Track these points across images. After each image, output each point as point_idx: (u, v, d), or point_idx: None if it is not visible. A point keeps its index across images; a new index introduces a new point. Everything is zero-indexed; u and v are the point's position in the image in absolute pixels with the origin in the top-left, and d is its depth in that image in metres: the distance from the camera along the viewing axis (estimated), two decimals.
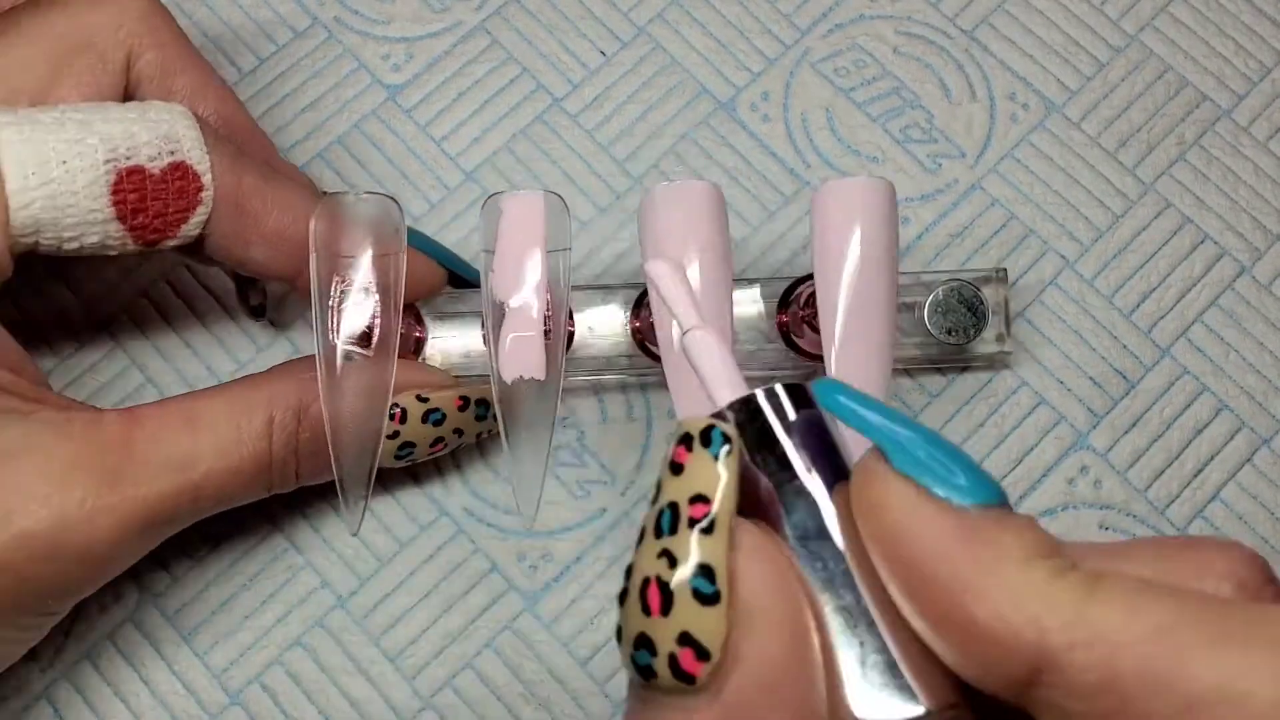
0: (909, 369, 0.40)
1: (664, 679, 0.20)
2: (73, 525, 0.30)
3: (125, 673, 0.38)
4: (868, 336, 0.32)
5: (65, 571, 0.31)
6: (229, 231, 0.33)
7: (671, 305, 0.25)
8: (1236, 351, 0.41)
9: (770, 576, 0.20)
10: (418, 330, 0.38)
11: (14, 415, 0.30)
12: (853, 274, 0.33)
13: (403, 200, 0.42)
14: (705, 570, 0.20)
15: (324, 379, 0.32)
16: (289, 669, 0.38)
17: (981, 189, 0.42)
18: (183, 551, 0.39)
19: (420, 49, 0.44)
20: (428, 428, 0.36)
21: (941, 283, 0.38)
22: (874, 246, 0.33)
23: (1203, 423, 0.40)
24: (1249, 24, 0.44)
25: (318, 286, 0.33)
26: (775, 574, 0.20)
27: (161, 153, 0.32)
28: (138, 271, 0.41)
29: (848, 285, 0.33)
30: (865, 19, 0.44)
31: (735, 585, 0.20)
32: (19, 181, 0.31)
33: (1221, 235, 0.42)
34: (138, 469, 0.31)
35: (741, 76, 0.44)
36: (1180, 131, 0.43)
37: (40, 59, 0.34)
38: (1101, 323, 0.41)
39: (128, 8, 0.35)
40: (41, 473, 0.30)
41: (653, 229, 0.33)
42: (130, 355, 0.41)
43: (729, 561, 0.20)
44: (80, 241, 0.32)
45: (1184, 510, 0.39)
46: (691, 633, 0.20)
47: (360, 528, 0.33)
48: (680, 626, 0.20)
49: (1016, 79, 0.44)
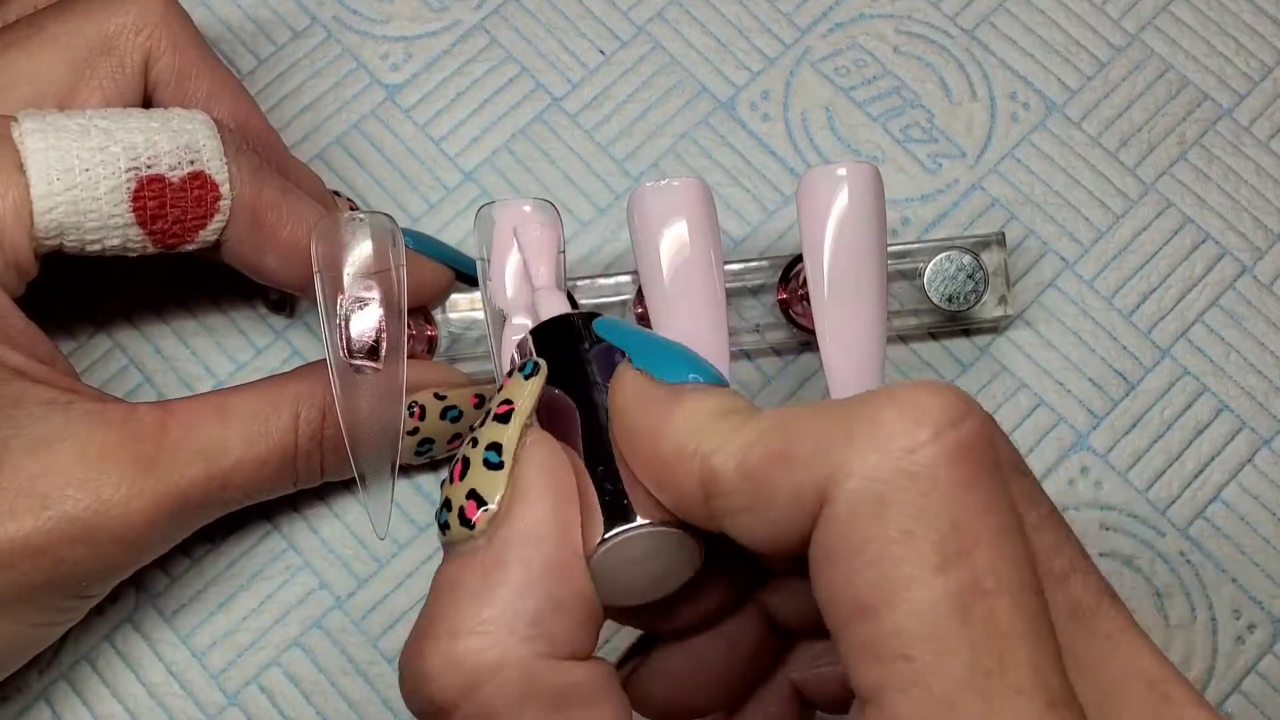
0: (909, 338, 0.41)
1: (454, 528, 0.24)
2: (109, 509, 0.31)
3: (123, 674, 0.38)
4: (858, 317, 0.33)
5: (102, 554, 0.32)
6: (245, 239, 0.35)
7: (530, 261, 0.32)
8: (1237, 352, 0.41)
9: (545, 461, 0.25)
10: (429, 329, 0.39)
11: (54, 406, 0.32)
12: (839, 257, 0.33)
13: (402, 200, 0.42)
14: (495, 446, 0.25)
15: (338, 393, 0.33)
16: (287, 670, 0.38)
17: (981, 189, 0.42)
18: (182, 552, 0.39)
19: (419, 48, 0.44)
20: (445, 424, 0.37)
21: (940, 250, 0.39)
22: (859, 228, 0.33)
23: (1203, 423, 0.40)
24: (1250, 23, 0.44)
25: (323, 305, 0.33)
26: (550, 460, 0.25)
27: (181, 162, 0.33)
28: (137, 273, 0.41)
29: (835, 268, 0.33)
30: (865, 18, 0.44)
31: (518, 461, 0.25)
32: (44, 187, 0.32)
33: (1222, 235, 0.42)
34: (171, 456, 0.32)
35: (741, 75, 0.44)
36: (1181, 131, 0.43)
37: (63, 63, 0.35)
38: (1101, 323, 0.41)
39: (147, 11, 0.36)
40: (79, 459, 0.31)
41: (642, 226, 0.33)
42: (130, 355, 0.41)
43: (517, 447, 0.25)
44: (102, 244, 0.33)
45: (1185, 510, 0.39)
46: (477, 489, 0.25)
47: (387, 529, 0.34)
48: (470, 485, 0.25)
49: (1017, 78, 0.44)
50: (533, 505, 0.24)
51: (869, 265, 0.33)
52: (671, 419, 0.24)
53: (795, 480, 0.21)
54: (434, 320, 0.39)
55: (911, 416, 0.21)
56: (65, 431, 0.31)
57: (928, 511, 0.20)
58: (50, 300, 0.40)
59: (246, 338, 0.41)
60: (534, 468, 0.25)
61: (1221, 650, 0.38)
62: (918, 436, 0.21)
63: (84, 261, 0.35)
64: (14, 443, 0.31)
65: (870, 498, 0.20)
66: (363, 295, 0.34)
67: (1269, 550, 0.39)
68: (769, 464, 0.22)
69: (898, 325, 0.40)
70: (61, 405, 0.32)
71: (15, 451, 0.31)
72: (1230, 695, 0.38)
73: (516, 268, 0.33)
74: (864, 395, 0.22)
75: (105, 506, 0.31)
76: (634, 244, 0.34)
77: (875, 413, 0.21)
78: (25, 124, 0.33)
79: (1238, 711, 0.38)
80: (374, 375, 0.34)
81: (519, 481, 0.25)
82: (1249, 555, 0.39)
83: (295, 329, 0.41)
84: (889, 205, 0.42)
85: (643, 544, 0.25)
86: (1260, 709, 0.38)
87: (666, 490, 0.24)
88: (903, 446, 0.21)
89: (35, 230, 0.32)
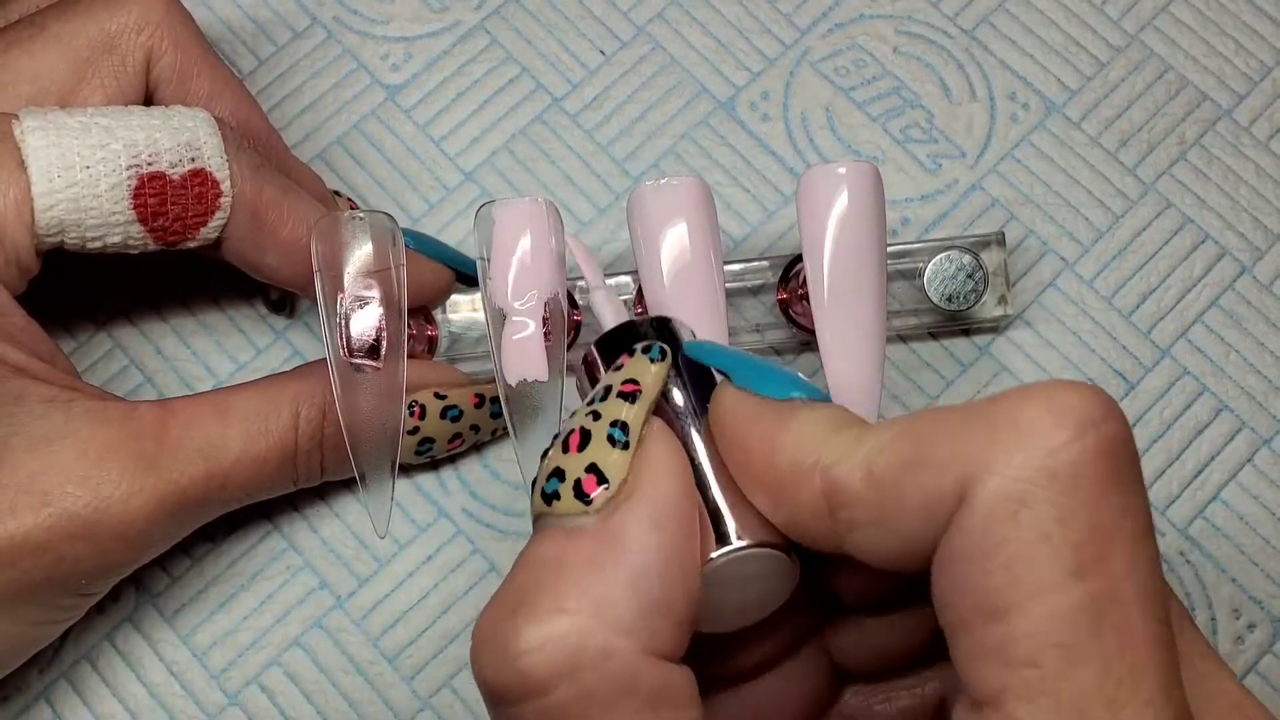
0: (909, 337, 0.41)
1: (565, 499, 0.23)
2: (109, 506, 0.31)
3: (124, 674, 0.38)
4: (858, 316, 0.33)
5: (102, 552, 0.32)
6: (245, 237, 0.35)
7: (585, 267, 0.32)
8: (1237, 352, 0.41)
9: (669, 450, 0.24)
10: (429, 329, 0.39)
11: (55, 404, 0.32)
12: (838, 256, 0.33)
13: (402, 200, 0.42)
14: (622, 425, 0.24)
15: (338, 392, 0.33)
16: (288, 669, 0.38)
17: (981, 189, 0.42)
18: (182, 551, 0.39)
19: (419, 49, 0.44)
20: (446, 424, 0.37)
21: (940, 250, 0.39)
22: (859, 227, 0.33)
23: (1203, 423, 0.40)
24: (1250, 23, 0.44)
25: (324, 305, 0.34)
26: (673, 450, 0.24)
27: (182, 159, 0.33)
28: (137, 273, 0.41)
29: (834, 267, 0.33)
30: (865, 18, 0.44)
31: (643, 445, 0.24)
32: (45, 184, 0.32)
33: (1222, 235, 0.42)
34: (171, 454, 0.33)
35: (741, 76, 0.44)
36: (1181, 131, 0.43)
37: (65, 62, 0.35)
38: (1101, 323, 0.41)
39: (149, 10, 0.36)
40: (80, 456, 0.31)
41: (641, 225, 0.33)
42: (130, 355, 0.41)
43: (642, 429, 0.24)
44: (103, 241, 0.33)
45: (1185, 510, 0.39)
46: (598, 464, 0.24)
47: (388, 528, 0.34)
48: (590, 459, 0.24)
49: (1017, 79, 0.44)
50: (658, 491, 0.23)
51: (869, 264, 0.33)
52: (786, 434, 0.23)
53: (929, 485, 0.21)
54: (434, 320, 0.39)
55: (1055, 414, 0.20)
56: (66, 429, 0.32)
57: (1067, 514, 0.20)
58: (51, 300, 0.40)
59: (247, 338, 0.41)
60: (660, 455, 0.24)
61: (1221, 650, 0.38)
62: (1060, 436, 0.20)
63: (85, 261, 0.35)
64: (14, 440, 0.31)
65: (1010, 497, 0.20)
66: (363, 294, 0.34)
67: (1269, 550, 0.39)
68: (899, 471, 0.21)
69: (898, 325, 0.40)
70: (62, 403, 0.32)
71: (16, 449, 0.31)
72: None
73: (517, 266, 0.33)
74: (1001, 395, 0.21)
75: (106, 504, 0.31)
76: (634, 244, 0.34)
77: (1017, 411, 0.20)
78: (26, 121, 0.33)
79: None
80: (374, 374, 0.34)
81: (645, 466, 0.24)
82: (1249, 555, 0.39)
83: (296, 329, 0.41)
84: (889, 205, 0.42)
85: (749, 565, 0.24)
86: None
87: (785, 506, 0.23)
88: (1046, 445, 0.20)
89: (36, 227, 0.32)
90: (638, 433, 0.24)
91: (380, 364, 0.33)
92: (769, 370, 0.25)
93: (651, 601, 0.22)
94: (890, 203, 0.42)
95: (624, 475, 0.23)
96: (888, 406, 0.40)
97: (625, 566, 0.22)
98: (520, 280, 0.33)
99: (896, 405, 0.40)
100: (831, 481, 0.22)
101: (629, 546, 0.22)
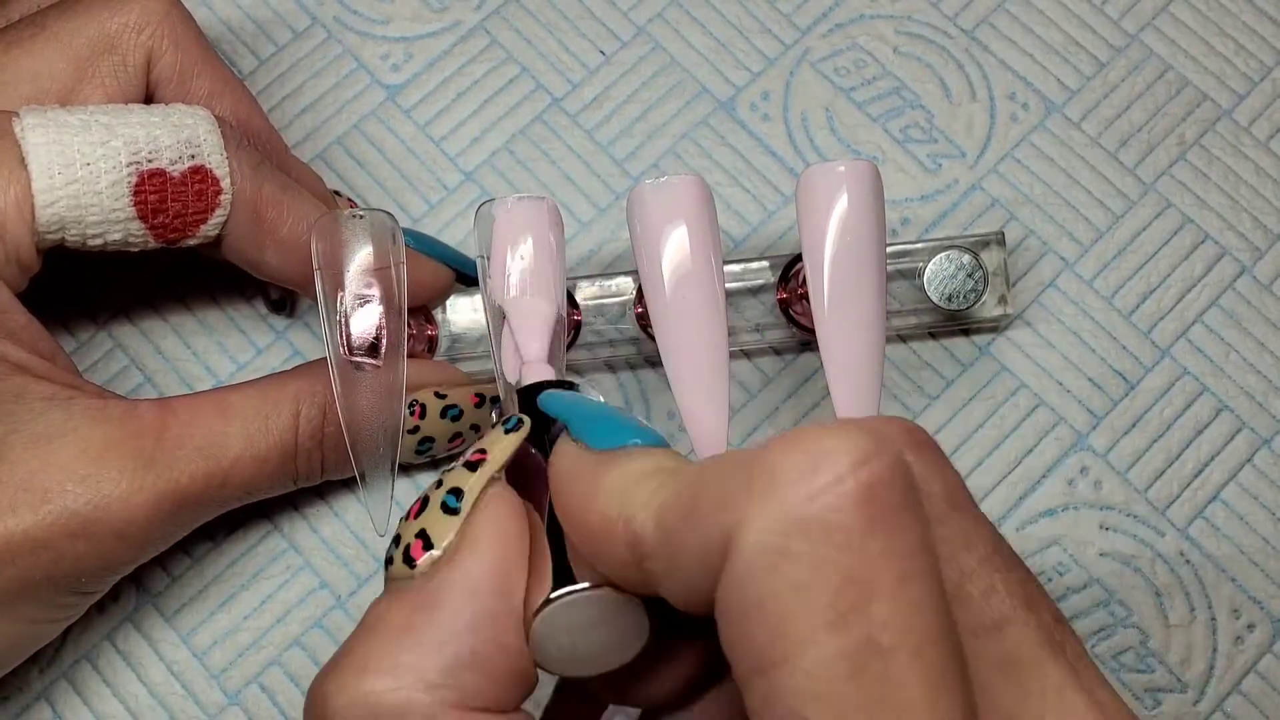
0: (909, 337, 0.41)
1: (396, 565, 0.25)
2: (109, 504, 0.31)
3: (124, 673, 0.38)
4: (857, 313, 0.33)
5: (102, 550, 0.32)
6: (245, 235, 0.35)
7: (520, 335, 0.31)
8: (1237, 352, 0.41)
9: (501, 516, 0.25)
10: (429, 328, 0.39)
11: (55, 401, 0.32)
12: (838, 255, 0.33)
13: (402, 200, 0.42)
14: (456, 492, 0.25)
15: (338, 390, 0.33)
16: (288, 669, 0.38)
17: (981, 189, 0.42)
18: (182, 551, 0.39)
19: (419, 49, 0.44)
20: (446, 423, 0.37)
21: (940, 250, 0.39)
22: (859, 226, 0.33)
23: (1203, 423, 0.40)
24: (1250, 24, 0.44)
25: (324, 303, 0.34)
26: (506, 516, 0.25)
27: (182, 156, 0.34)
28: (137, 273, 0.41)
29: (834, 266, 0.33)
30: (865, 19, 0.44)
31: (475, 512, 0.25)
32: (45, 180, 0.32)
33: (1222, 235, 0.42)
34: (171, 453, 0.33)
35: (741, 76, 0.44)
36: (1181, 131, 0.43)
37: (65, 62, 0.35)
38: (1101, 323, 0.41)
39: (149, 10, 0.36)
40: (80, 454, 0.31)
41: (641, 224, 0.33)
42: (131, 355, 0.41)
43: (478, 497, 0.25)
44: (104, 239, 0.33)
45: (1184, 510, 0.39)
46: (427, 529, 0.25)
47: (387, 526, 0.34)
48: (421, 525, 0.25)
49: (1017, 79, 0.44)
50: (478, 556, 0.24)
51: (868, 262, 0.33)
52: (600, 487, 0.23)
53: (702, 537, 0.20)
54: (434, 320, 0.39)
55: (811, 462, 0.20)
56: (66, 427, 0.32)
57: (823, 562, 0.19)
58: (52, 300, 0.40)
59: (247, 338, 0.41)
60: (488, 520, 0.25)
61: (1221, 650, 0.38)
62: (815, 482, 0.19)
63: (86, 262, 0.35)
64: (14, 438, 0.31)
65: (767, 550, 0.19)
66: (363, 292, 0.34)
67: (1268, 550, 0.39)
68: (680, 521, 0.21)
69: (897, 325, 0.40)
70: (62, 401, 0.32)
71: (15, 446, 0.31)
72: (1229, 695, 0.38)
73: (517, 265, 0.33)
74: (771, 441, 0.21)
75: (105, 502, 0.31)
76: (633, 242, 0.34)
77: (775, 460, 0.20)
78: (26, 119, 0.33)
79: (1237, 712, 0.38)
80: (374, 372, 0.34)
81: (471, 531, 0.25)
82: (1248, 555, 0.39)
83: (296, 329, 0.41)
84: (889, 205, 0.42)
85: (587, 608, 0.24)
86: (1260, 709, 0.38)
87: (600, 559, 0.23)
88: (801, 494, 0.19)
89: (37, 224, 0.32)
90: (473, 500, 0.25)
91: (380, 362, 0.33)
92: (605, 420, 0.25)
93: (460, 657, 0.23)
94: (890, 203, 0.42)
95: (449, 539, 0.24)
96: (887, 406, 0.40)
97: (436, 626, 0.23)
98: (520, 279, 0.33)
99: (896, 405, 0.40)
100: (632, 533, 0.22)
101: (442, 606, 0.24)
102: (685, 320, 0.33)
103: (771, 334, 0.40)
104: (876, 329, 0.33)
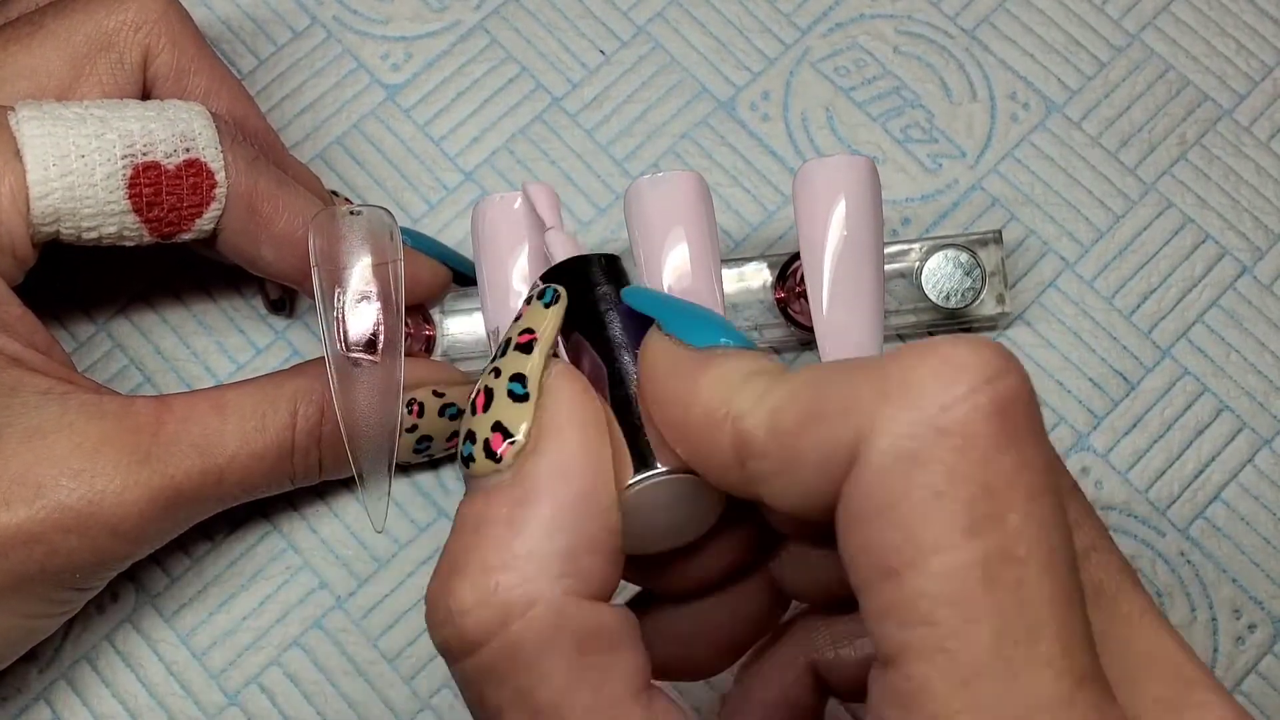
0: (908, 336, 0.41)
1: (479, 461, 0.24)
2: (103, 499, 0.31)
3: (123, 674, 0.38)
4: (855, 309, 0.33)
5: (95, 545, 0.32)
6: (241, 230, 0.35)
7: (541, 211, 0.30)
8: (1237, 352, 0.41)
9: (573, 394, 0.24)
10: (427, 328, 0.39)
11: (50, 396, 0.32)
12: (836, 249, 0.33)
13: (402, 200, 0.42)
14: (520, 378, 0.24)
15: (335, 388, 0.33)
16: (287, 670, 0.38)
17: (981, 189, 0.42)
18: (181, 551, 0.39)
19: (419, 48, 0.44)
20: (444, 422, 0.37)
21: (937, 248, 0.39)
22: (857, 222, 0.33)
23: (1204, 423, 0.40)
24: (1250, 23, 0.44)
25: (321, 299, 0.34)
26: (578, 393, 0.24)
27: (177, 150, 0.34)
28: (136, 272, 0.41)
29: (832, 262, 0.33)
30: (865, 18, 0.44)
31: (544, 393, 0.24)
32: (40, 173, 0.32)
33: (1223, 235, 0.42)
34: (166, 449, 0.33)
35: (741, 76, 0.44)
36: (1181, 131, 0.43)
37: (62, 59, 0.35)
38: (1101, 323, 0.41)
39: (146, 8, 0.36)
40: (74, 449, 0.31)
41: (639, 219, 0.33)
42: (130, 355, 0.41)
43: (542, 377, 0.25)
44: (99, 232, 0.33)
45: (1185, 511, 0.39)
46: (502, 420, 0.24)
47: (384, 523, 0.34)
48: (495, 417, 0.24)
49: (1017, 78, 0.44)
50: (562, 438, 0.24)
51: (866, 257, 0.33)
52: (701, 384, 0.23)
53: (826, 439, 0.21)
54: (432, 320, 0.39)
55: (947, 372, 0.20)
56: (61, 421, 0.32)
57: (959, 471, 0.20)
58: (51, 299, 0.40)
59: (246, 337, 0.41)
60: (562, 399, 0.24)
61: (1221, 650, 0.38)
62: (952, 392, 0.20)
63: (84, 261, 0.35)
64: (8, 431, 0.31)
65: (901, 455, 0.20)
66: (360, 289, 0.34)
67: (1269, 550, 0.39)
68: (799, 423, 0.21)
69: (896, 323, 0.40)
70: (58, 395, 0.32)
71: (10, 440, 0.31)
72: None
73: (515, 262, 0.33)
74: (899, 350, 0.21)
75: (99, 497, 0.31)
76: (631, 238, 0.34)
77: (910, 368, 0.20)
78: (22, 112, 0.33)
79: None
80: (372, 370, 0.34)
81: (546, 414, 0.24)
82: (1249, 555, 0.39)
83: (295, 329, 0.41)
84: (889, 206, 0.42)
85: (668, 490, 0.24)
86: (1260, 709, 0.38)
87: (699, 456, 0.23)
88: (937, 403, 0.20)
89: (32, 216, 0.32)
90: (537, 382, 0.24)
91: (377, 358, 0.33)
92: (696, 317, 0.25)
93: (571, 544, 0.23)
94: (890, 202, 0.42)
95: (527, 425, 0.24)
96: None
97: (542, 517, 0.23)
98: (515, 274, 0.33)
99: None
100: (740, 433, 0.22)
101: (541, 496, 0.23)
102: None
103: (771, 333, 0.40)
104: (875, 323, 0.33)
